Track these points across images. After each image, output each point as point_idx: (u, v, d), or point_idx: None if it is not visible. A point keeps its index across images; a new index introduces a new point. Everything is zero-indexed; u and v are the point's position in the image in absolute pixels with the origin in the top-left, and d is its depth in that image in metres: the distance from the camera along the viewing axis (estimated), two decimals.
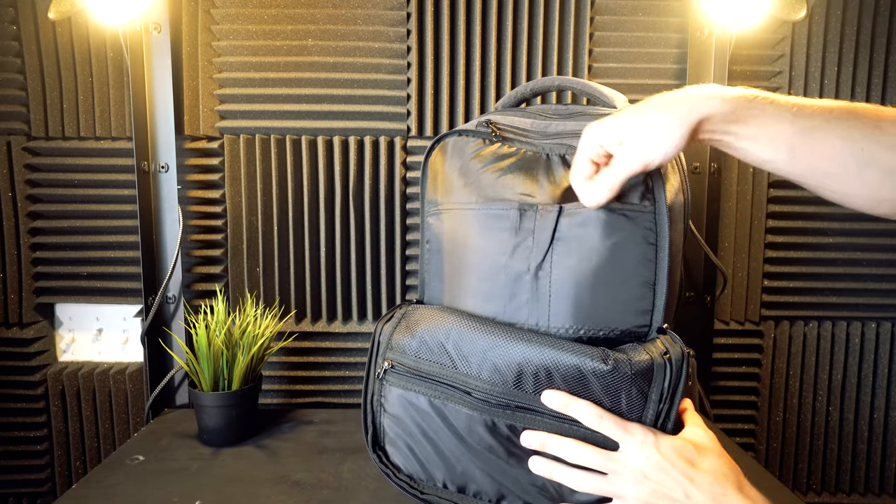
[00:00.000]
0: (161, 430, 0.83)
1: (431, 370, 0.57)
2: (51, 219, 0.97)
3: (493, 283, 0.57)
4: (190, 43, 0.94)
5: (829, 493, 1.04)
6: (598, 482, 0.51)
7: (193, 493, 0.65)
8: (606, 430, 0.50)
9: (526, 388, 0.52)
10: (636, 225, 0.53)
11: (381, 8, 0.94)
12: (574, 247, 0.54)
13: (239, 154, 0.95)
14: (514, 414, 0.53)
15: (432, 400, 0.56)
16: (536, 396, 0.52)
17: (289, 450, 0.77)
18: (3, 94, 0.94)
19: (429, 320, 0.58)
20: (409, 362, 0.58)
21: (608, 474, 0.50)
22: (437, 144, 0.66)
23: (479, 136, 0.63)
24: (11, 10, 0.92)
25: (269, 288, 0.97)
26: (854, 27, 0.96)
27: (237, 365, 0.78)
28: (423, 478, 0.59)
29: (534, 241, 0.55)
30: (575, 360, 0.51)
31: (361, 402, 0.63)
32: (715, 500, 0.47)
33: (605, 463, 0.50)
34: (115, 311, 1.02)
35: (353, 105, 0.95)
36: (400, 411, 0.59)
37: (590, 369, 0.50)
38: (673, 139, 0.49)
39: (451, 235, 0.62)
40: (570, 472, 0.52)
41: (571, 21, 0.94)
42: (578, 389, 0.51)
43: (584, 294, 0.53)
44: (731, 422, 1.03)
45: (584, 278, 0.53)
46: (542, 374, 0.51)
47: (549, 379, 0.51)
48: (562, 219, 0.55)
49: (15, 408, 0.99)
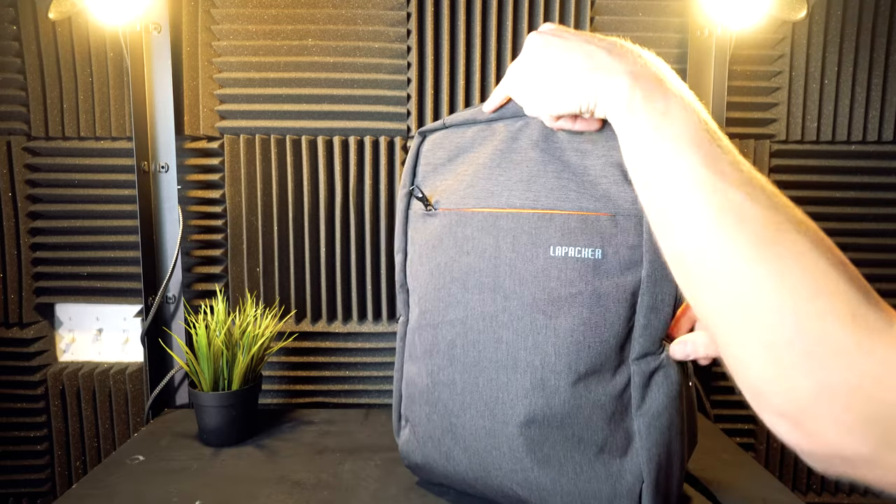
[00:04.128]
0: (161, 430, 0.83)
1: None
2: (51, 219, 0.97)
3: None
4: (190, 43, 0.95)
5: (829, 494, 1.04)
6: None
7: (193, 493, 0.65)
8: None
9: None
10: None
11: (381, 8, 0.94)
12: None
13: (239, 154, 0.95)
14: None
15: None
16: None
17: (289, 450, 0.77)
18: (3, 94, 0.94)
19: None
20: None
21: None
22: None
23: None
24: (11, 11, 0.93)
25: (269, 288, 0.98)
26: (854, 27, 0.97)
27: (237, 365, 0.78)
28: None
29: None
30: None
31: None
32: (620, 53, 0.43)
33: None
34: (115, 311, 1.02)
35: (353, 105, 0.95)
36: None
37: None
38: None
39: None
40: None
41: (571, 21, 0.95)
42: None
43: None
44: (732, 422, 1.03)
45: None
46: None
47: None
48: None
49: (15, 408, 0.99)
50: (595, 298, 0.51)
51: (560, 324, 0.51)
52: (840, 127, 0.98)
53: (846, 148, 0.99)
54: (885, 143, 0.99)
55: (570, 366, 0.51)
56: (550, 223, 0.52)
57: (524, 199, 0.54)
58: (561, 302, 0.51)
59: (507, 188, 0.55)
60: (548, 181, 0.53)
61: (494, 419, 0.55)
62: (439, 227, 0.60)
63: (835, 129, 0.99)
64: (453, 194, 0.59)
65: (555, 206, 0.52)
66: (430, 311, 0.60)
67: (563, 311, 0.51)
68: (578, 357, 0.51)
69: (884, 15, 0.96)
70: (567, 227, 0.52)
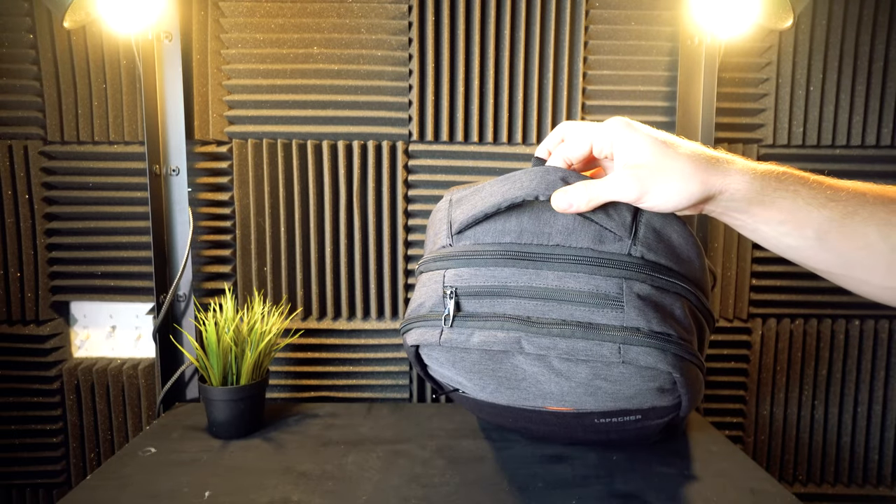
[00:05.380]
0: (172, 424, 0.84)
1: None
2: (66, 220, 1.00)
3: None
4: (200, 51, 0.97)
5: (815, 484, 1.07)
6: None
7: (203, 484, 0.66)
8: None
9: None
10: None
11: (383, 17, 0.97)
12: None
13: (247, 158, 0.98)
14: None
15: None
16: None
17: (295, 442, 0.78)
18: (20, 99, 0.97)
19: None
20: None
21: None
22: None
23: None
24: (28, 20, 0.95)
25: (277, 286, 1.00)
26: (838, 36, 0.99)
27: (245, 361, 0.80)
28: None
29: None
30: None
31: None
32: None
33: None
34: (128, 308, 1.04)
35: (356, 111, 0.98)
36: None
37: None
38: (678, 200, 0.45)
39: None
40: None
41: (567, 30, 0.97)
42: None
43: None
44: (720, 415, 1.06)
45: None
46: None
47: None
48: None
49: (31, 402, 1.01)
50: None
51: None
52: (825, 132, 1.01)
53: (831, 152, 1.02)
54: (868, 147, 1.02)
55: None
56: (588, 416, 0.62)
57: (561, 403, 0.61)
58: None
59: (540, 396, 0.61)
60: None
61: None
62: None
63: (820, 133, 1.01)
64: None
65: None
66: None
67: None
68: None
69: (867, 24, 0.99)
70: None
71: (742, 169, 0.44)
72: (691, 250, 0.54)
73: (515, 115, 0.99)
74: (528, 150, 0.99)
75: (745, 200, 0.44)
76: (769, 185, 0.43)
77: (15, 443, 1.02)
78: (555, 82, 0.99)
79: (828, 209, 0.42)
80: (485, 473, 0.70)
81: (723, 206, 0.45)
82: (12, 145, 0.97)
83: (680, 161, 0.45)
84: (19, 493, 1.04)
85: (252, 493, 0.65)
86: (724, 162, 0.45)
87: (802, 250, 0.45)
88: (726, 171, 0.44)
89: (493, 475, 0.69)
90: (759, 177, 0.44)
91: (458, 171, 1.00)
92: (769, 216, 0.44)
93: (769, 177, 0.44)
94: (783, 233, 0.44)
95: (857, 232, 0.42)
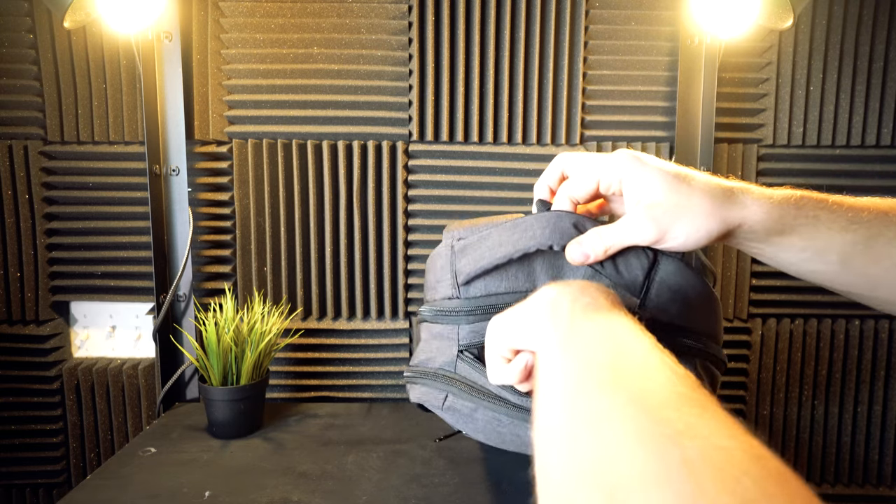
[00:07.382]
0: (172, 423, 0.85)
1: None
2: (66, 220, 1.00)
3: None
4: (200, 51, 0.97)
5: (815, 484, 1.07)
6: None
7: (203, 484, 0.67)
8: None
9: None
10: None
11: (383, 17, 0.97)
12: None
13: (247, 158, 0.98)
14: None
15: None
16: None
17: (294, 442, 0.79)
18: (20, 99, 0.97)
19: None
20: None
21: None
22: None
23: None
24: (28, 20, 0.95)
25: (277, 286, 1.01)
26: (838, 36, 0.99)
27: (245, 361, 0.80)
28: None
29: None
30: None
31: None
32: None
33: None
34: (128, 308, 1.05)
35: (356, 111, 0.98)
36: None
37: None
38: (697, 238, 0.44)
39: None
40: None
41: (567, 30, 0.97)
42: None
43: None
44: None
45: None
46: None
47: None
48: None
49: (32, 402, 1.01)
50: None
51: None
52: (825, 132, 1.01)
53: (831, 152, 1.02)
54: (868, 147, 1.02)
55: None
56: None
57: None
58: None
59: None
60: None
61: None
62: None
63: (820, 133, 1.01)
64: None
65: None
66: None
67: None
68: None
69: (866, 24, 0.99)
70: None
71: (759, 198, 0.43)
72: (708, 305, 0.52)
73: (515, 115, 0.99)
74: (528, 150, 0.99)
75: (763, 231, 0.43)
76: (788, 213, 0.42)
77: (15, 443, 1.02)
78: (555, 82, 0.99)
79: (850, 232, 0.41)
80: (485, 473, 0.70)
81: (741, 237, 0.44)
82: (12, 145, 0.97)
83: (696, 197, 0.43)
84: (19, 493, 1.04)
85: (252, 493, 0.65)
86: (740, 193, 0.43)
87: (826, 275, 0.44)
88: (743, 203, 0.43)
89: (493, 475, 0.70)
90: (777, 205, 0.42)
91: (458, 171, 1.00)
92: (789, 243, 0.43)
93: (787, 204, 0.42)
94: (805, 259, 0.43)
95: (882, 254, 0.41)
